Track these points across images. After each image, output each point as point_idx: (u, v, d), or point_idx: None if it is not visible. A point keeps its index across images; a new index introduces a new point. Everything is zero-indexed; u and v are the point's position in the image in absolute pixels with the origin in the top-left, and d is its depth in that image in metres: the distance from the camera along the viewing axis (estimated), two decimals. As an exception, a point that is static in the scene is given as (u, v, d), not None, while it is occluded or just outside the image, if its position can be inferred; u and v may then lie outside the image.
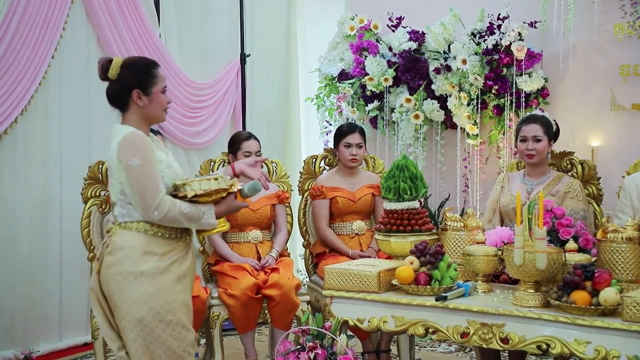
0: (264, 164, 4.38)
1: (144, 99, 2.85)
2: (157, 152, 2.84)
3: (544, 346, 2.62)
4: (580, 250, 3.01)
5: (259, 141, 4.28)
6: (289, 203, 4.41)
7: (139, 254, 2.78)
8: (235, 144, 4.25)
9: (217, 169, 4.34)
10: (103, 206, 4.08)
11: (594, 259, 2.89)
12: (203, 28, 5.67)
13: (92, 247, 4.04)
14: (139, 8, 5.04)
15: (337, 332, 2.87)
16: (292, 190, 4.48)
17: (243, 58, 5.79)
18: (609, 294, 2.53)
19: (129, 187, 2.78)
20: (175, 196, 2.80)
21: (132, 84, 2.84)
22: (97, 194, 4.07)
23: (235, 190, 2.87)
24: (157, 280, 2.78)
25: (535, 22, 5.20)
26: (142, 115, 2.87)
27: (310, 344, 2.79)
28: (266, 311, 4.02)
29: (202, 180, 2.81)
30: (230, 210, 2.92)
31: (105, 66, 2.84)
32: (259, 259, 4.16)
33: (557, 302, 2.62)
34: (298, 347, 2.83)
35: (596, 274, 2.61)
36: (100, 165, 4.09)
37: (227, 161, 4.33)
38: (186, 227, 2.87)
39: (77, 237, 4.11)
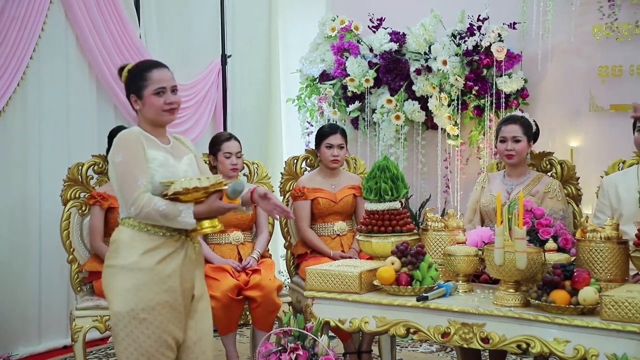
0: (245, 165, 4.38)
1: (139, 103, 2.88)
2: (150, 151, 2.81)
3: (524, 345, 2.63)
4: (560, 249, 3.02)
5: (239, 142, 4.27)
6: (270, 204, 4.39)
7: (123, 248, 2.79)
8: (215, 145, 4.24)
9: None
10: (83, 208, 4.06)
11: (573, 258, 2.90)
12: (184, 29, 5.64)
13: (71, 249, 4.01)
14: (118, 8, 5.00)
15: (319, 333, 2.86)
16: (273, 191, 4.47)
17: (224, 59, 5.77)
18: (587, 293, 2.55)
19: (115, 183, 2.82)
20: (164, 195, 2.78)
21: (129, 89, 2.90)
22: (77, 195, 4.05)
23: (220, 189, 2.78)
24: (136, 277, 2.75)
25: (515, 23, 5.24)
26: (142, 118, 2.90)
27: (292, 345, 2.78)
28: (247, 312, 4.00)
29: (186, 180, 2.74)
30: (214, 210, 2.78)
31: (119, 73, 2.94)
32: (241, 260, 4.14)
33: (536, 301, 2.63)
34: (279, 348, 2.81)
35: (575, 274, 2.62)
36: (80, 167, 4.06)
37: (207, 162, 4.31)
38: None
39: (56, 239, 4.09)
